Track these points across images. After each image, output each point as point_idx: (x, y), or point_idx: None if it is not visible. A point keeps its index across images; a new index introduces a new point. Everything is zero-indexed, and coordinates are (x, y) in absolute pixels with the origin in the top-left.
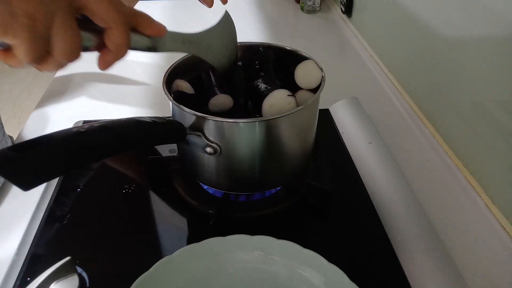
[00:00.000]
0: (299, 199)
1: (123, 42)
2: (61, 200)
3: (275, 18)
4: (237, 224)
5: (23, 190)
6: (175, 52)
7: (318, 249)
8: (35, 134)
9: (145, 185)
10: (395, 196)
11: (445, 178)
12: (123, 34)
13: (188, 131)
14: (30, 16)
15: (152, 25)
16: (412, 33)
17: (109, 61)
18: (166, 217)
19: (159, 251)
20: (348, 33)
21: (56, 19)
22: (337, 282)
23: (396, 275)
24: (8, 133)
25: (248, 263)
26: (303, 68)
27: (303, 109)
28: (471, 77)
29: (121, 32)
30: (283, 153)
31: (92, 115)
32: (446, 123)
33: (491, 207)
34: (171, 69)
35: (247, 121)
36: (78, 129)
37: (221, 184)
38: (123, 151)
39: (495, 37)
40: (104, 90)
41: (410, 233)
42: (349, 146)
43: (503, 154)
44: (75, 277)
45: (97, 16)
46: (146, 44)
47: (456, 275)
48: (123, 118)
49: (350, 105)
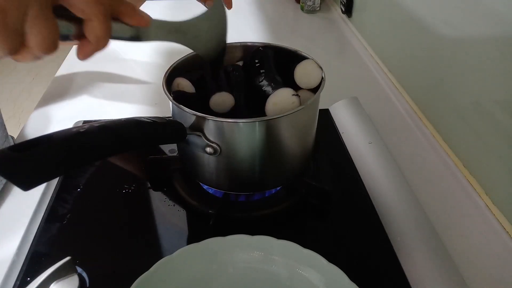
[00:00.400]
0: (299, 199)
1: (103, 34)
2: (61, 200)
3: (275, 18)
4: (237, 224)
5: (23, 190)
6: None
7: (318, 249)
8: (36, 134)
9: (145, 185)
10: (395, 196)
11: (445, 178)
12: (103, 26)
13: (188, 131)
14: (1, 10)
15: (135, 15)
16: (412, 33)
17: (88, 52)
18: (166, 217)
19: (159, 251)
20: (348, 33)
21: (30, 11)
22: (337, 282)
23: (396, 275)
24: (8, 133)
25: (248, 263)
26: (302, 67)
27: (303, 109)
28: (471, 77)
29: (101, 23)
30: (283, 153)
31: (92, 115)
32: (446, 123)
33: (491, 207)
34: (171, 69)
35: (247, 121)
36: (78, 129)
37: (221, 184)
38: (123, 151)
39: (495, 37)
40: (104, 90)
41: (410, 233)
42: (349, 146)
43: (503, 154)
44: (75, 277)
45: (75, 7)
46: (129, 33)
47: (456, 275)
48: (123, 118)
49: (350, 105)
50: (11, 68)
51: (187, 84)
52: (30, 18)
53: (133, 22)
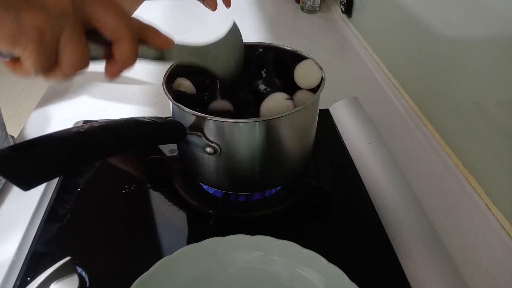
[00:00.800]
0: (299, 199)
1: (131, 54)
2: (61, 200)
3: (275, 18)
4: (237, 224)
5: (23, 190)
6: (181, 62)
7: (318, 249)
8: (36, 134)
9: (145, 185)
10: (395, 196)
11: (445, 178)
12: (131, 46)
13: (188, 131)
14: (38, 29)
15: (159, 37)
16: (412, 33)
17: (116, 71)
18: (166, 217)
19: (159, 251)
20: (348, 33)
21: (65, 32)
22: (337, 282)
23: (396, 275)
24: (8, 133)
25: (248, 263)
26: (302, 67)
27: (303, 109)
28: (471, 77)
29: (129, 44)
30: (283, 153)
31: (92, 115)
32: (446, 123)
33: (491, 207)
34: (171, 69)
35: (247, 121)
36: (78, 129)
37: (221, 184)
38: (123, 151)
39: (495, 37)
40: (104, 90)
41: (410, 233)
42: (349, 146)
43: (503, 154)
44: (75, 277)
45: (106, 29)
46: (153, 55)
47: (456, 275)
48: (123, 118)
49: (350, 105)
50: None
51: (188, 84)
52: (64, 38)
53: (157, 44)
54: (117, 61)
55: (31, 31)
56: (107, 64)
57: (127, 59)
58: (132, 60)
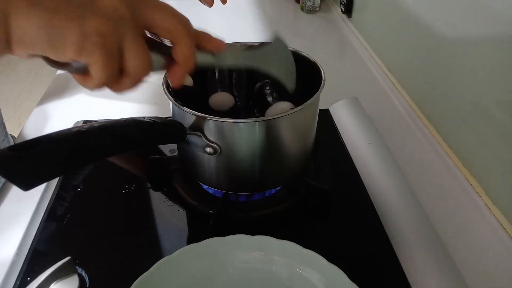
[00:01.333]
0: (299, 199)
1: (190, 54)
2: (61, 200)
3: (275, 18)
4: (237, 224)
5: (23, 190)
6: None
7: (318, 249)
8: (36, 133)
9: (145, 185)
10: (395, 196)
11: (445, 178)
12: (189, 46)
13: (188, 131)
14: (101, 35)
15: (212, 41)
16: (412, 33)
17: (179, 75)
18: (166, 217)
19: (159, 251)
20: (348, 33)
21: (127, 37)
22: (337, 282)
23: (396, 275)
24: (8, 132)
25: (248, 263)
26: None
27: (303, 109)
28: (471, 77)
29: (189, 44)
30: (283, 153)
31: (92, 115)
32: (446, 123)
33: (491, 207)
34: None
35: (247, 121)
36: (78, 129)
37: (221, 184)
38: (123, 151)
39: (495, 37)
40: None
41: (410, 233)
42: (349, 146)
43: (503, 154)
44: (75, 277)
45: (165, 31)
46: (208, 59)
47: (456, 275)
48: (123, 118)
49: (350, 105)
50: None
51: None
52: (126, 43)
53: (210, 46)
54: (178, 64)
55: (95, 37)
56: (169, 72)
57: (188, 60)
58: (192, 61)
